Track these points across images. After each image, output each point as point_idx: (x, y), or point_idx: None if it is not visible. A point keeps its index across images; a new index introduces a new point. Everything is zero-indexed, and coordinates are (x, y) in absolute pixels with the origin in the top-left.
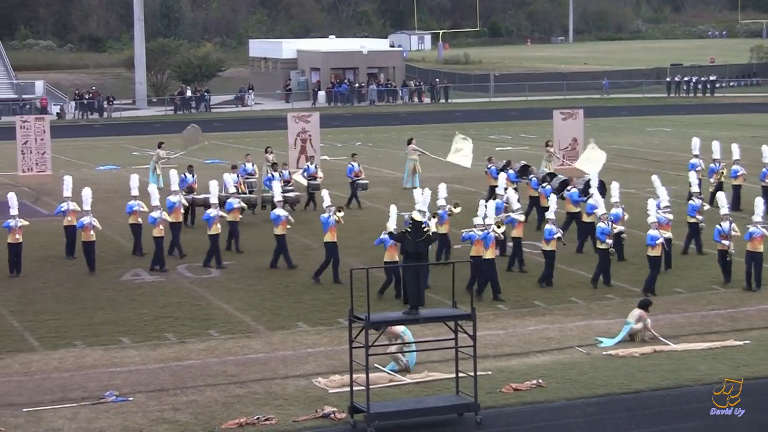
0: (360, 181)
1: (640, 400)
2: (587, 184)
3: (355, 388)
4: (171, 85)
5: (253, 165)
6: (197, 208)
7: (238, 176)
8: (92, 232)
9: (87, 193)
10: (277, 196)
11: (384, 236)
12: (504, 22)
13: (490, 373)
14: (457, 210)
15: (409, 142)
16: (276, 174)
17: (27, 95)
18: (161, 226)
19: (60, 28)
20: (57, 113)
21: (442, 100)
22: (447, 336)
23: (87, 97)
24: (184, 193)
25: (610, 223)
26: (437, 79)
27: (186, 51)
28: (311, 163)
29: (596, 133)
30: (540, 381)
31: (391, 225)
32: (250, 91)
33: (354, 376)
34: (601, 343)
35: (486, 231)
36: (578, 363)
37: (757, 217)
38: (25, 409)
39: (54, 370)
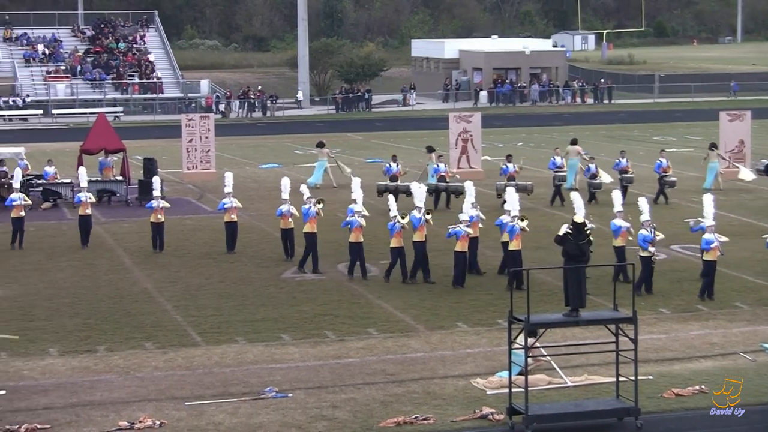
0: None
1: None
2: None
3: (513, 390)
4: (333, 84)
5: (561, 158)
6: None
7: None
8: (290, 220)
9: (285, 183)
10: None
11: (351, 218)
12: (670, 21)
13: (651, 377)
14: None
15: (574, 142)
16: (442, 166)
17: (193, 94)
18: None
19: (225, 27)
20: (221, 112)
21: (606, 101)
22: (607, 339)
23: (246, 95)
24: (387, 181)
25: (653, 230)
26: (602, 80)
27: (349, 51)
28: (441, 163)
29: (764, 135)
30: (703, 387)
31: (393, 212)
32: (412, 90)
33: (513, 377)
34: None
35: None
36: (743, 369)
37: None
38: (187, 403)
39: (215, 365)
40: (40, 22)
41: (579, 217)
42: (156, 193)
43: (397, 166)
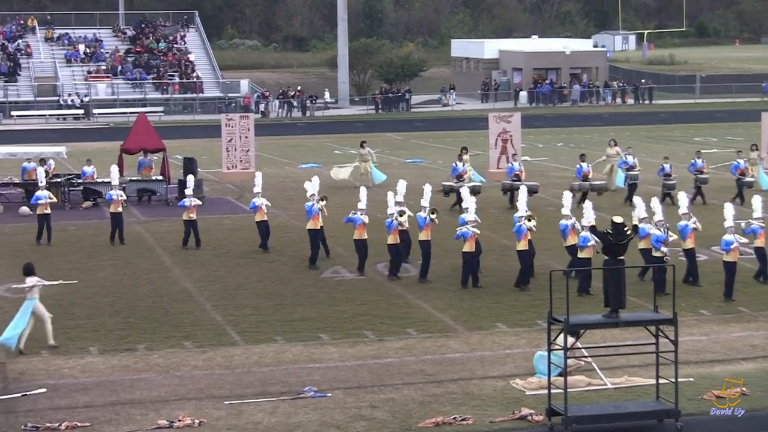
0: (587, 183)
1: None
2: None
3: (552, 391)
4: (373, 84)
5: (634, 158)
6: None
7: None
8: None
9: (315, 182)
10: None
11: (353, 215)
12: (711, 22)
13: (691, 379)
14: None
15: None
16: (516, 164)
17: (233, 94)
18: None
19: (265, 28)
20: (261, 112)
21: (646, 101)
22: (647, 340)
23: (285, 95)
24: (454, 181)
25: (666, 230)
26: (642, 80)
27: (388, 51)
28: (515, 161)
29: None
30: (744, 389)
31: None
32: (452, 90)
33: (552, 378)
34: None
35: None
36: None
37: None
38: (226, 402)
39: (254, 364)
40: (81, 22)
41: (618, 218)
42: (188, 191)
43: (464, 165)
